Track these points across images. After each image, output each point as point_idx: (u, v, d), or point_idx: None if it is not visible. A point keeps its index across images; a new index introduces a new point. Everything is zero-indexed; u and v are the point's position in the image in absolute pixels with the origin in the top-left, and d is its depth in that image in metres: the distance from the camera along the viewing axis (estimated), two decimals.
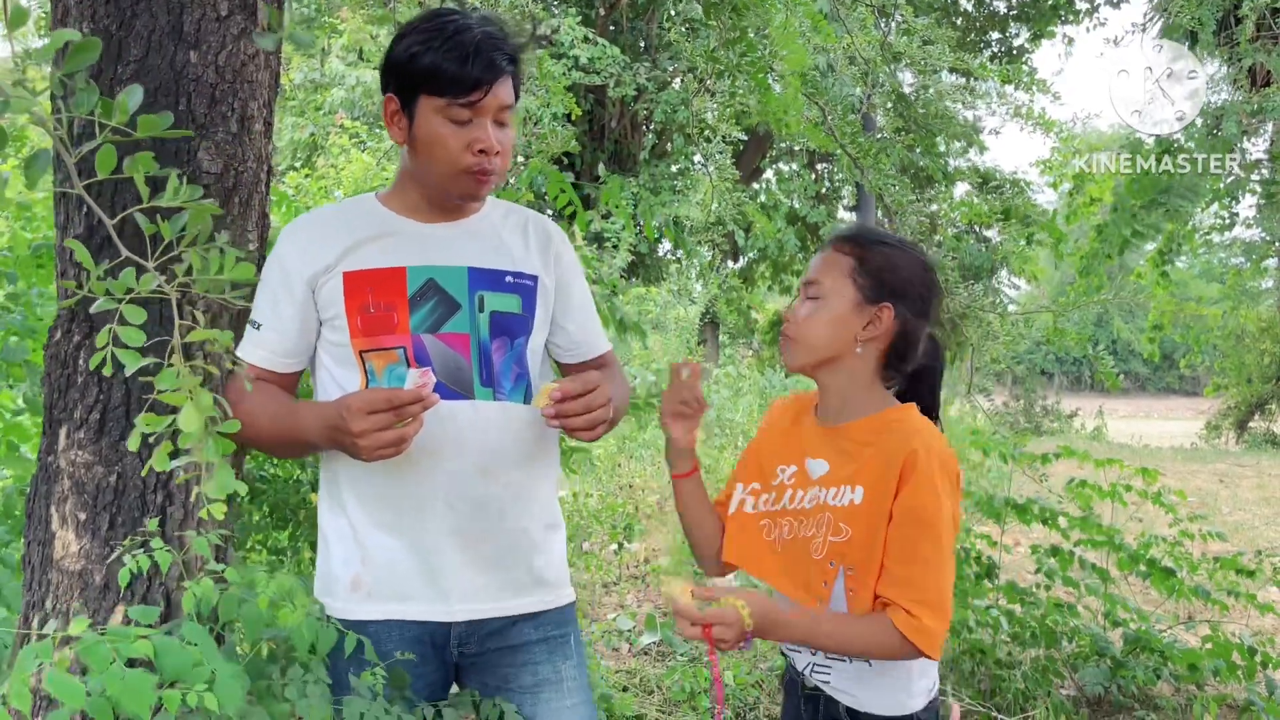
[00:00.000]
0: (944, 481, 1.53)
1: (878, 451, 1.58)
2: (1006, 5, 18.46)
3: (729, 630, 1.46)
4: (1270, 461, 11.89)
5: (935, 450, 1.55)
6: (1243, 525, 7.53)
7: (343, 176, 7.48)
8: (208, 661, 1.24)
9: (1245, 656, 3.33)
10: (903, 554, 1.52)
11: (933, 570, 1.50)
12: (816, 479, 1.66)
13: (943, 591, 1.50)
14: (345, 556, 1.72)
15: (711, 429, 7.98)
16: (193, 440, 1.14)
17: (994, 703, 3.40)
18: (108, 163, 1.07)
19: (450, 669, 1.77)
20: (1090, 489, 3.61)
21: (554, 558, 1.80)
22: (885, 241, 1.68)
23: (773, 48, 3.34)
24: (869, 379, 1.66)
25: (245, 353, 1.68)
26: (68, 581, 1.70)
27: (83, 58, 0.94)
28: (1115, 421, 21.80)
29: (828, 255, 1.68)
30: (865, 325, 1.62)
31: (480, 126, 1.62)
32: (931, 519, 1.51)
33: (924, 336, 1.67)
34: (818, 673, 1.66)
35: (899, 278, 1.63)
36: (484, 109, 1.61)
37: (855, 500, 1.57)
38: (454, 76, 1.58)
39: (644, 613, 4.39)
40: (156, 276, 1.14)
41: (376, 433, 1.47)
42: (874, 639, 1.51)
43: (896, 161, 11.03)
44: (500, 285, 1.72)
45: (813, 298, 1.66)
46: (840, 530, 1.58)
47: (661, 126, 11.62)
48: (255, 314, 1.70)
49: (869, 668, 1.60)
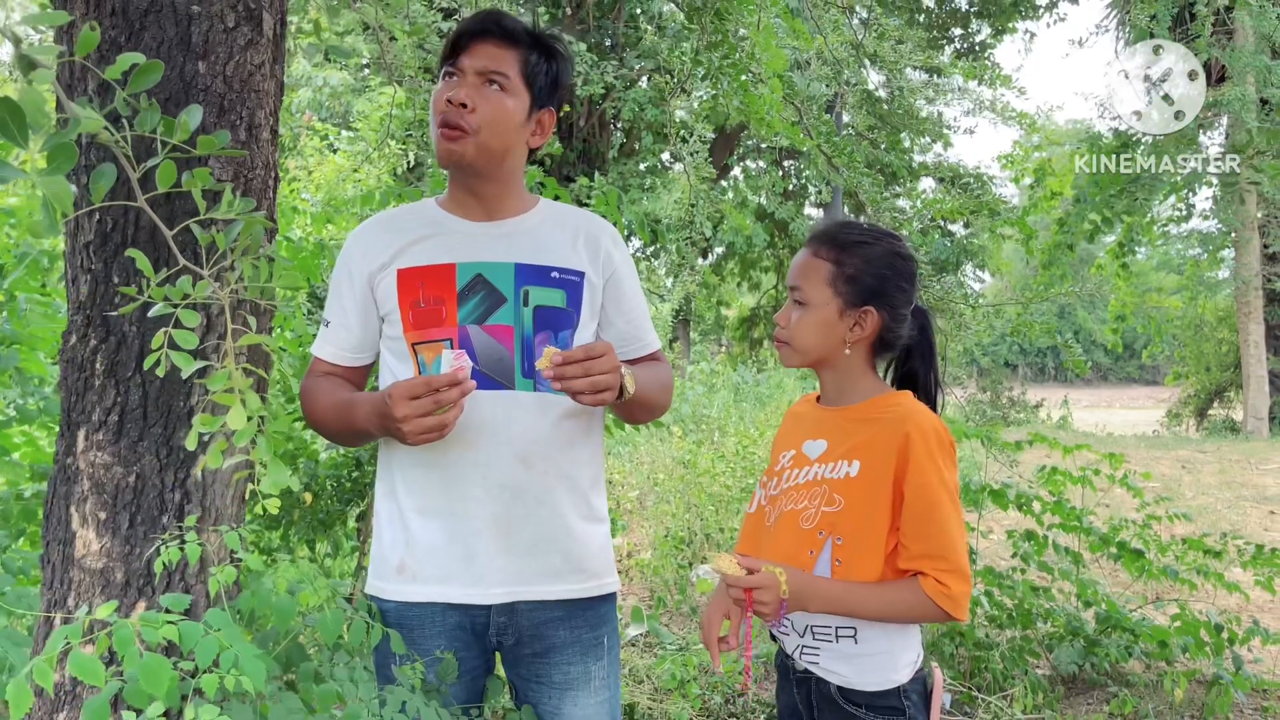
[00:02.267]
0: (941, 455, 1.63)
1: (875, 433, 1.67)
2: (968, 2, 18.71)
3: (767, 593, 1.56)
4: (1230, 447, 12.18)
5: (928, 428, 1.64)
6: (1206, 509, 7.73)
7: (315, 178, 7.48)
8: (233, 645, 1.30)
9: (1213, 634, 3.46)
10: (920, 530, 1.61)
11: (949, 538, 1.59)
12: (815, 458, 1.74)
13: (961, 556, 1.59)
14: (393, 540, 1.79)
15: (686, 425, 8.07)
16: (244, 439, 1.20)
17: (974, 683, 3.51)
18: (168, 177, 1.12)
19: (490, 656, 1.84)
20: (1061, 475, 3.73)
21: (593, 548, 1.83)
22: (862, 240, 1.73)
23: (751, 50, 3.42)
24: (861, 368, 1.76)
25: (316, 348, 1.83)
26: (89, 579, 1.75)
27: (146, 79, 0.99)
28: (1079, 411, 22.17)
29: (807, 260, 1.74)
30: (851, 327, 1.71)
31: (460, 84, 1.71)
32: (937, 494, 1.60)
33: (908, 320, 1.75)
34: (806, 654, 1.72)
35: (878, 278, 1.70)
36: (465, 68, 1.71)
37: (851, 473, 1.66)
38: (449, 42, 1.73)
39: (630, 605, 4.46)
40: (211, 283, 1.19)
41: (418, 418, 1.55)
42: (908, 605, 1.60)
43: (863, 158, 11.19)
44: (546, 280, 1.78)
45: (799, 303, 1.74)
46: (834, 500, 1.66)
47: (630, 125, 11.69)
48: (326, 312, 1.83)
49: (855, 645, 1.66)
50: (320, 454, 3.12)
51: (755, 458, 6.23)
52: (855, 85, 7.30)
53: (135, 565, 1.71)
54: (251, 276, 1.24)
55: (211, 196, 1.80)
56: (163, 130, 1.04)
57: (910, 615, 1.62)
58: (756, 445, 6.62)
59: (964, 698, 3.41)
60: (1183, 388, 19.90)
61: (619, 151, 13.38)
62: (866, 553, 1.63)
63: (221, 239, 1.21)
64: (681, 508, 5.61)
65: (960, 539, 1.61)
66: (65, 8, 1.91)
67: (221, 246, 1.22)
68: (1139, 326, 8.70)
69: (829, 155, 4.00)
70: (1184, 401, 19.71)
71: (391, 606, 1.79)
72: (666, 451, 6.87)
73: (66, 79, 1.80)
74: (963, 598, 1.59)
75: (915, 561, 1.61)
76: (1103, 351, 39.49)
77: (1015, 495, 3.50)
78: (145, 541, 1.68)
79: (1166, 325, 11.25)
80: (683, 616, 4.59)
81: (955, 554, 1.59)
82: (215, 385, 1.16)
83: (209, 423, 1.20)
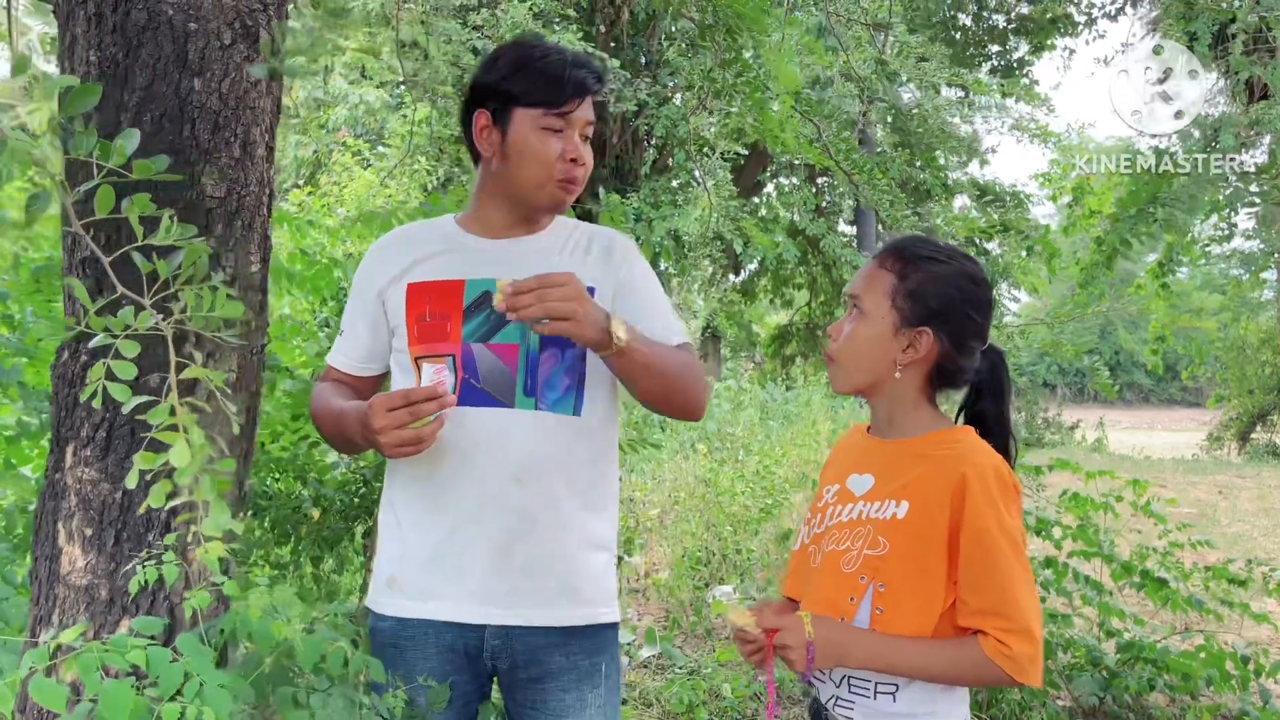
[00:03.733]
0: (1003, 499, 1.48)
1: (927, 471, 1.52)
2: (1005, 19, 18.55)
3: (792, 635, 1.47)
4: (1271, 473, 11.89)
5: (988, 469, 1.49)
6: (1241, 536, 7.54)
7: (345, 194, 7.56)
8: (198, 673, 1.28)
9: (1239, 666, 3.36)
10: (978, 583, 1.46)
11: (1011, 593, 1.44)
12: (860, 495, 1.61)
13: (1026, 614, 1.44)
14: (389, 553, 1.79)
15: (712, 443, 8.02)
16: (186, 478, 1.17)
17: (990, 714, 3.43)
18: (106, 203, 1.11)
19: (485, 681, 1.81)
20: (1083, 501, 3.64)
21: (591, 576, 1.78)
22: (932, 256, 1.59)
23: (767, 68, 3.40)
24: (914, 399, 1.61)
25: (331, 356, 1.88)
26: (74, 596, 1.75)
27: (82, 102, 0.98)
28: (1118, 433, 21.80)
29: (871, 270, 1.62)
30: (904, 349, 1.56)
31: (569, 138, 1.73)
32: (996, 542, 1.45)
33: (975, 355, 1.60)
34: (841, 707, 1.58)
35: (941, 299, 1.56)
36: (574, 121, 1.73)
37: (899, 515, 1.52)
38: (549, 88, 1.71)
39: (644, 626, 4.42)
40: (153, 314, 1.18)
41: (394, 430, 1.55)
42: (963, 665, 1.46)
43: (897, 175, 11.10)
44: None
45: (854, 316, 1.61)
46: (878, 544, 1.52)
47: (662, 142, 11.71)
48: (343, 321, 1.87)
49: (893, 704, 1.52)
50: (329, 471, 3.13)
51: (776, 477, 6.17)
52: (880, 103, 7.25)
53: (120, 583, 1.71)
54: (194, 306, 1.22)
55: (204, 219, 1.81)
56: (99, 154, 1.02)
57: (965, 677, 1.48)
58: (779, 464, 6.56)
59: None
60: (1225, 410, 19.48)
61: (651, 168, 13.39)
62: (910, 602, 1.49)
63: (163, 267, 1.20)
64: (701, 527, 5.57)
65: (1026, 593, 1.46)
66: (67, 26, 1.93)
67: (163, 274, 1.20)
68: (1179, 348, 8.52)
69: (849, 173, 3.97)
70: (1225, 425, 19.29)
71: (388, 624, 1.77)
72: (690, 469, 6.82)
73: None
74: (1027, 660, 1.43)
75: (974, 619, 1.46)
76: (1144, 372, 38.87)
77: (1035, 521, 3.42)
78: (131, 559, 1.68)
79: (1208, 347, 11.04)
80: (697, 639, 4.54)
81: (1018, 610, 1.44)
82: (155, 419, 1.13)
83: (149, 460, 1.18)
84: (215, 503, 1.28)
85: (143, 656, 1.30)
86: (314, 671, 1.57)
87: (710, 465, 6.56)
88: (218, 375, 1.27)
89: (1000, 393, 1.64)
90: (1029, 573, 1.48)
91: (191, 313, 1.22)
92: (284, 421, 2.92)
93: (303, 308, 3.73)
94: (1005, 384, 1.65)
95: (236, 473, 1.90)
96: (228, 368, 1.84)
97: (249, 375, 1.89)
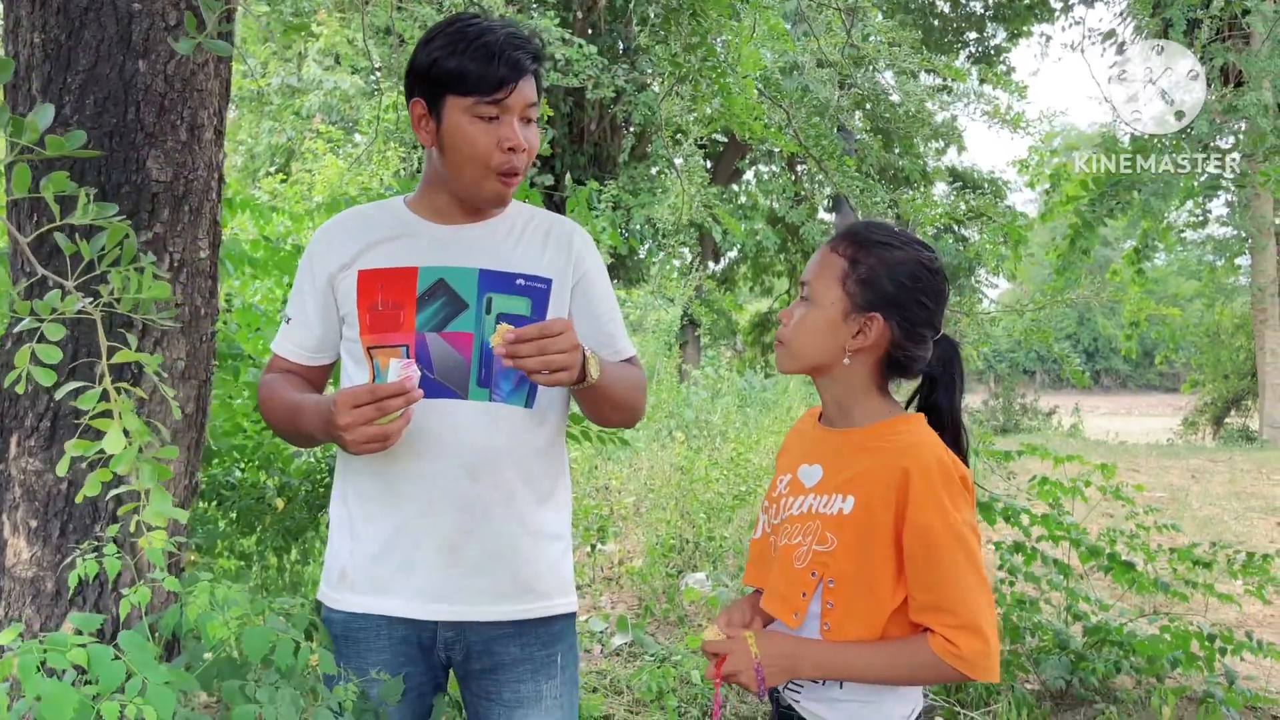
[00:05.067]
0: (948, 492, 1.45)
1: (873, 465, 1.50)
2: (983, 5, 18.57)
3: (738, 660, 1.48)
4: (1243, 457, 12.00)
5: (932, 462, 1.46)
6: (1212, 520, 7.61)
7: (316, 181, 7.49)
8: (140, 671, 1.25)
9: (1204, 645, 3.38)
10: (922, 579, 1.44)
11: (956, 588, 1.42)
12: (810, 487, 1.59)
13: (976, 610, 1.41)
14: (339, 547, 1.76)
15: (690, 430, 8.01)
16: (123, 465, 1.14)
17: (957, 698, 3.44)
18: (22, 182, 1.07)
19: (440, 672, 1.78)
20: (1053, 485, 3.65)
21: (545, 567, 1.76)
22: (885, 242, 1.56)
23: (731, 52, 3.37)
24: (864, 387, 1.58)
25: (275, 345, 1.79)
26: (20, 589, 1.72)
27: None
28: (1095, 419, 21.96)
29: (823, 254, 1.59)
30: (854, 335, 1.53)
31: (507, 124, 1.65)
32: (939, 537, 1.42)
33: (928, 344, 1.57)
34: (789, 690, 1.59)
35: (893, 284, 1.52)
36: (510, 107, 1.64)
37: (845, 510, 1.50)
38: (480, 74, 1.61)
39: (617, 614, 4.41)
40: (80, 297, 1.14)
41: (360, 426, 1.51)
42: (917, 666, 1.44)
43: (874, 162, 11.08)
44: (510, 288, 1.73)
45: (805, 299, 1.59)
46: (826, 539, 1.50)
47: (640, 129, 11.64)
48: (288, 308, 1.80)
49: (840, 690, 1.52)
50: (293, 461, 3.09)
51: (750, 464, 6.16)
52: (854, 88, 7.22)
53: (66, 575, 1.68)
54: (122, 289, 1.19)
55: (149, 204, 1.77)
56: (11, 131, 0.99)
57: (919, 677, 1.46)
58: (753, 451, 6.55)
59: (946, 713, 3.34)
60: (1199, 395, 19.67)
61: (629, 155, 13.32)
62: (860, 599, 1.48)
63: (86, 248, 1.16)
64: (675, 515, 5.56)
65: (973, 588, 1.42)
66: (12, 7, 1.89)
67: (87, 256, 1.17)
68: (1153, 334, 8.58)
69: (819, 159, 3.94)
70: (1200, 410, 19.48)
71: (339, 617, 1.75)
72: (665, 458, 6.81)
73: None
74: (977, 656, 1.40)
75: (922, 615, 1.44)
76: (1121, 358, 39.11)
77: (1003, 509, 3.43)
78: (77, 550, 1.65)
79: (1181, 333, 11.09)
80: (670, 625, 4.54)
81: (964, 606, 1.41)
82: (86, 405, 1.10)
83: (84, 447, 1.15)
84: (156, 490, 1.24)
85: (83, 655, 1.27)
86: (263, 664, 1.55)
87: (686, 453, 6.55)
88: (153, 360, 1.23)
89: (953, 385, 1.61)
90: (978, 567, 1.45)
91: (119, 294, 1.18)
92: (246, 412, 2.88)
93: (276, 296, 3.68)
94: (958, 376, 1.62)
95: (186, 461, 1.88)
96: (175, 355, 1.81)
97: (197, 362, 1.86)
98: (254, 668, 1.53)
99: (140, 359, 1.18)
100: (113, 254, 1.19)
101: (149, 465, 1.15)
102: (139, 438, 1.12)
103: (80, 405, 1.12)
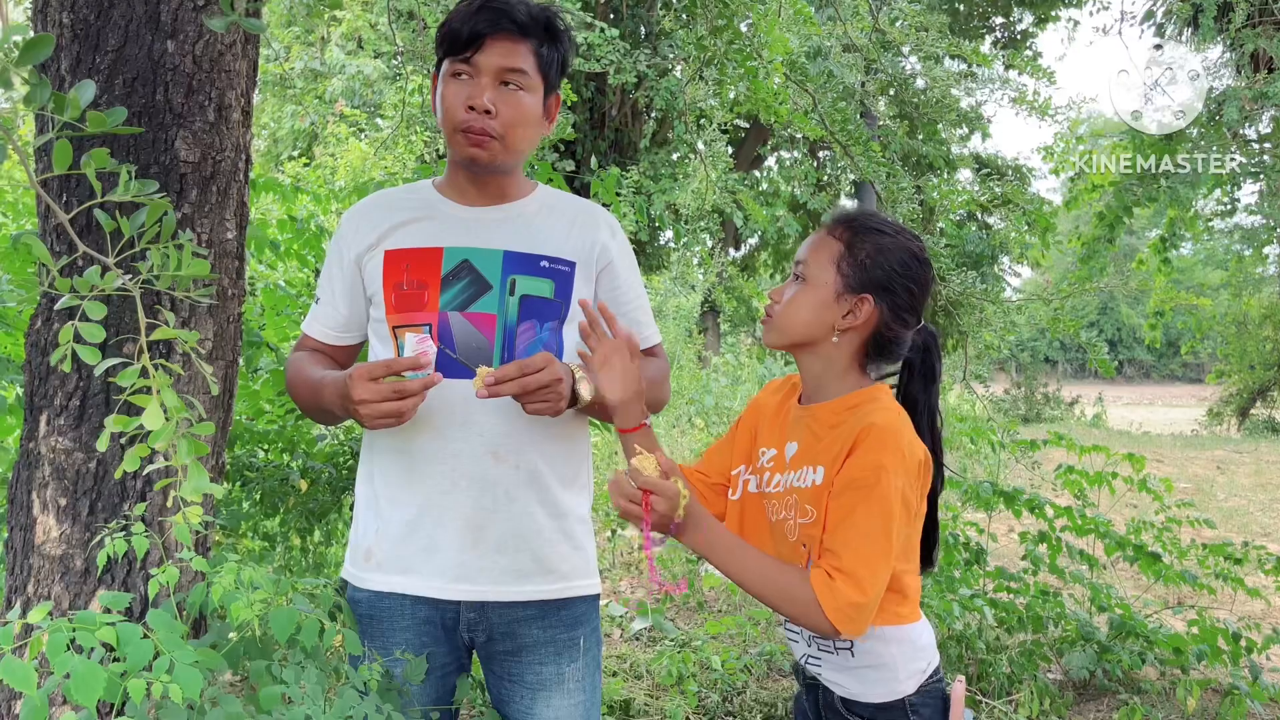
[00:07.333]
0: (893, 459, 1.48)
1: (837, 435, 1.55)
2: None
3: (664, 503, 1.48)
4: (1268, 447, 11.88)
5: (891, 429, 1.51)
6: (1237, 511, 7.53)
7: (340, 165, 7.50)
8: (168, 649, 1.25)
9: (1230, 641, 3.35)
10: (833, 520, 1.49)
11: (859, 538, 1.45)
12: (787, 461, 1.65)
13: (865, 562, 1.44)
14: (365, 526, 1.77)
15: (709, 417, 8.00)
16: (161, 441, 1.14)
17: (979, 687, 3.42)
18: (63, 158, 1.07)
19: (463, 653, 1.79)
20: (1079, 475, 3.62)
21: (568, 548, 1.76)
22: (880, 229, 1.63)
23: (758, 36, 3.34)
24: (845, 366, 1.63)
25: (306, 324, 1.83)
26: (49, 566, 1.73)
27: (35, 54, 0.94)
28: (1119, 409, 21.80)
29: (820, 237, 1.65)
30: (844, 314, 1.59)
31: (475, 84, 1.63)
32: (868, 490, 1.47)
33: (910, 331, 1.63)
34: (810, 664, 1.65)
35: (885, 269, 1.59)
36: (481, 66, 1.63)
37: (816, 481, 1.55)
38: (455, 33, 1.63)
39: (636, 599, 4.42)
40: (119, 274, 1.14)
41: (375, 402, 1.52)
42: (787, 592, 1.48)
43: (898, 149, 11.00)
44: (534, 269, 1.73)
45: (799, 278, 1.64)
46: (806, 512, 1.55)
47: (662, 114, 11.60)
48: (318, 289, 1.82)
49: (852, 658, 1.58)
50: (316, 443, 3.11)
51: None
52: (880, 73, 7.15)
53: (95, 553, 1.69)
54: (161, 265, 1.18)
55: (177, 184, 1.77)
56: (53, 108, 0.99)
57: (785, 605, 1.49)
58: None
59: (968, 701, 3.33)
60: (1225, 386, 19.46)
61: (651, 141, 13.27)
62: None
63: (125, 224, 1.16)
64: None
65: (875, 547, 1.45)
66: None
67: (127, 233, 1.17)
68: (1179, 323, 8.49)
69: (844, 144, 3.91)
70: (1225, 400, 19.27)
71: (364, 596, 1.76)
72: (686, 444, 6.81)
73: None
74: (849, 607, 1.43)
75: (820, 553, 1.50)
76: (1145, 349, 38.80)
77: (1026, 500, 3.40)
78: (106, 528, 1.66)
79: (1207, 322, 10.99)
80: (690, 611, 4.54)
81: (856, 556, 1.44)
82: (125, 381, 1.10)
83: (123, 423, 1.15)
84: (193, 466, 1.24)
85: (112, 633, 1.28)
86: (289, 644, 1.56)
87: (706, 439, 6.55)
88: (191, 335, 1.23)
89: (931, 374, 1.68)
90: (888, 533, 1.46)
91: (158, 271, 1.18)
92: (270, 398, 2.89)
93: (299, 280, 3.69)
94: (936, 366, 1.69)
95: (214, 442, 1.89)
96: (203, 336, 1.82)
97: (225, 343, 1.87)
98: (280, 647, 1.54)
99: (180, 335, 1.18)
100: (152, 231, 1.19)
101: (187, 441, 1.15)
102: (176, 413, 1.12)
103: (119, 382, 1.12)
